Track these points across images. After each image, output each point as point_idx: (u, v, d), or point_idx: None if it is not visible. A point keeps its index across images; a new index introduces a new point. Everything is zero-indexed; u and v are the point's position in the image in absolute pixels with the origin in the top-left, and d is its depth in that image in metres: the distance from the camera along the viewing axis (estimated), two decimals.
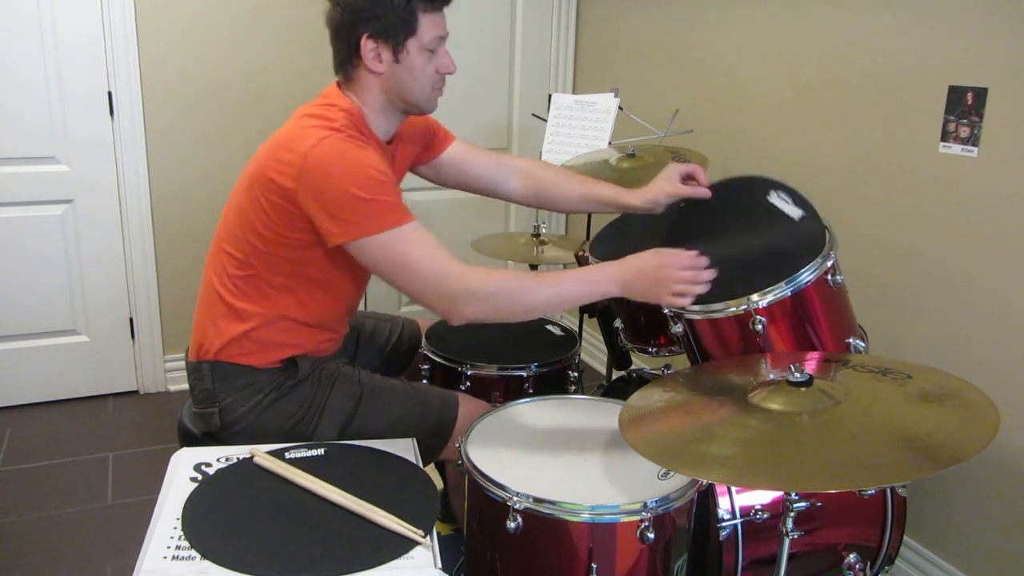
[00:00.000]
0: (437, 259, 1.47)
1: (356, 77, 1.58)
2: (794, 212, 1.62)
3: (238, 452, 1.54)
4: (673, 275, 1.47)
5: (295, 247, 1.55)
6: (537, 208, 1.95)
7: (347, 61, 1.57)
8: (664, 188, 1.74)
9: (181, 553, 1.25)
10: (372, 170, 1.46)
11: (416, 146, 1.81)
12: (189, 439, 1.69)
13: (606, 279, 1.49)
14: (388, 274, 1.49)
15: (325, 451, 1.55)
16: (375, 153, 1.52)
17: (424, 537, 1.27)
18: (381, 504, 1.34)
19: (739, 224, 1.65)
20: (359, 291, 1.73)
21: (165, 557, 1.24)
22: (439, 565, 1.25)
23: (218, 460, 1.52)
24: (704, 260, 1.49)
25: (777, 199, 1.65)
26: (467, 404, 1.75)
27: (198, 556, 1.24)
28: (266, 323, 1.60)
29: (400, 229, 1.46)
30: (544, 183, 1.87)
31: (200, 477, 1.46)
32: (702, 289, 1.48)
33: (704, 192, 1.72)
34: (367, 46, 1.52)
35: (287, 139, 1.50)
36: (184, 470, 1.48)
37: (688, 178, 1.74)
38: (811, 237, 1.56)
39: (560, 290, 1.50)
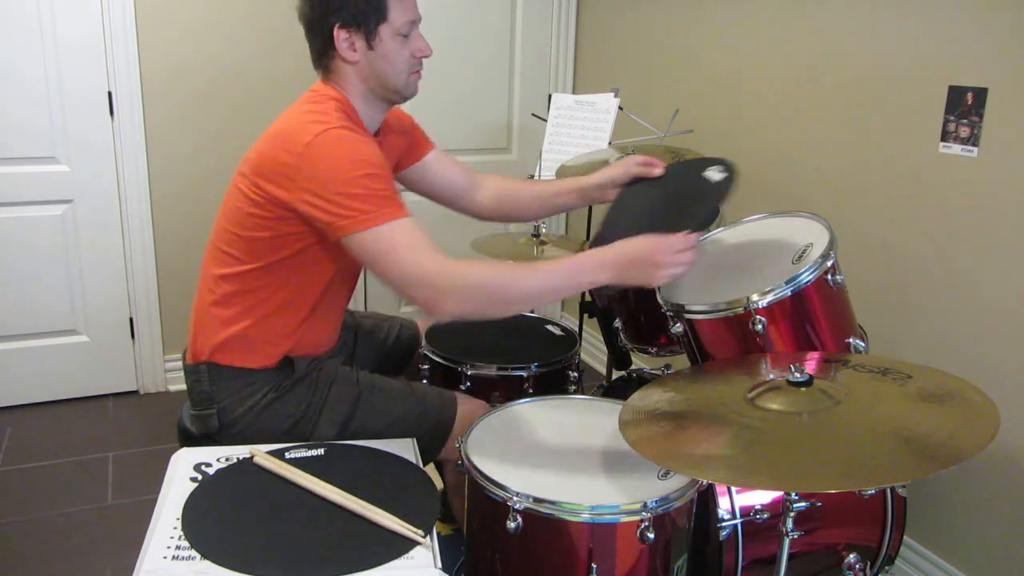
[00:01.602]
0: (422, 253, 1.45)
1: (334, 68, 1.59)
2: (718, 177, 1.67)
3: (238, 452, 1.54)
4: (668, 259, 1.46)
5: (289, 244, 1.55)
6: (501, 221, 1.97)
7: (323, 54, 1.58)
8: (618, 167, 1.80)
9: (181, 553, 1.25)
10: (368, 164, 1.47)
11: (402, 143, 1.81)
12: (189, 439, 1.69)
13: (597, 268, 1.47)
14: (374, 266, 1.48)
15: (325, 451, 1.55)
16: (371, 144, 1.52)
17: (424, 537, 1.27)
18: (381, 504, 1.34)
19: (671, 193, 1.72)
20: (351, 286, 1.74)
21: (165, 557, 1.24)
22: (439, 565, 1.25)
23: (218, 460, 1.52)
24: (695, 238, 1.49)
25: (712, 172, 1.69)
26: (466, 404, 1.75)
27: (198, 556, 1.24)
28: (259, 321, 1.60)
29: (391, 224, 1.45)
30: (506, 192, 1.92)
31: (200, 477, 1.46)
32: (687, 269, 1.48)
33: (656, 171, 1.76)
34: (340, 36, 1.53)
35: (283, 134, 1.51)
36: (184, 470, 1.48)
37: (646, 164, 1.79)
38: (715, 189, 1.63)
39: (546, 282, 1.48)
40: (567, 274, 1.48)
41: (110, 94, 2.87)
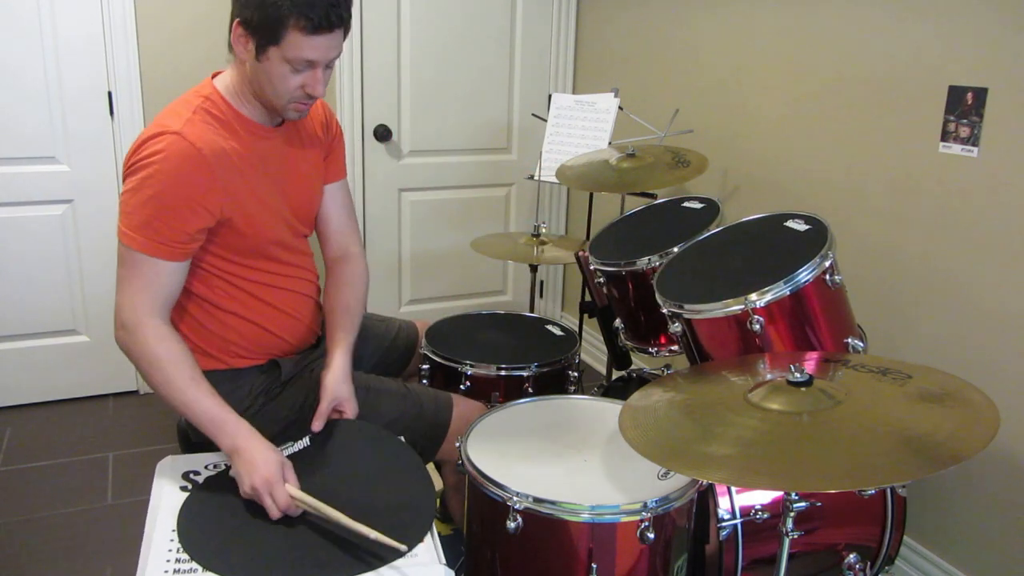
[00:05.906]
0: (144, 298, 1.47)
1: (235, 52, 1.55)
2: (802, 227, 1.66)
3: (226, 459, 1.51)
4: (258, 489, 1.36)
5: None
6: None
7: (229, 35, 1.54)
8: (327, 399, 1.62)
9: (182, 567, 1.24)
10: (167, 192, 1.44)
11: (322, 148, 1.75)
12: (190, 444, 1.69)
13: (224, 436, 1.44)
14: (117, 271, 1.50)
15: (311, 440, 1.53)
16: (198, 170, 1.47)
17: (414, 544, 1.27)
18: (379, 505, 1.34)
19: (751, 246, 1.69)
20: (267, 281, 1.65)
21: (166, 571, 1.23)
22: (443, 561, 1.25)
23: (206, 467, 1.50)
24: (288, 506, 1.37)
25: (792, 223, 1.69)
26: (462, 406, 1.75)
27: (200, 569, 1.23)
28: (195, 320, 1.60)
29: (139, 255, 1.46)
30: (331, 283, 1.81)
31: (190, 486, 1.44)
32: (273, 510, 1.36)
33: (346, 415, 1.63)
34: (236, 31, 1.50)
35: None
36: (172, 479, 1.46)
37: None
38: (812, 239, 1.58)
39: (189, 410, 1.46)
40: (206, 421, 1.45)
41: (110, 94, 2.87)
